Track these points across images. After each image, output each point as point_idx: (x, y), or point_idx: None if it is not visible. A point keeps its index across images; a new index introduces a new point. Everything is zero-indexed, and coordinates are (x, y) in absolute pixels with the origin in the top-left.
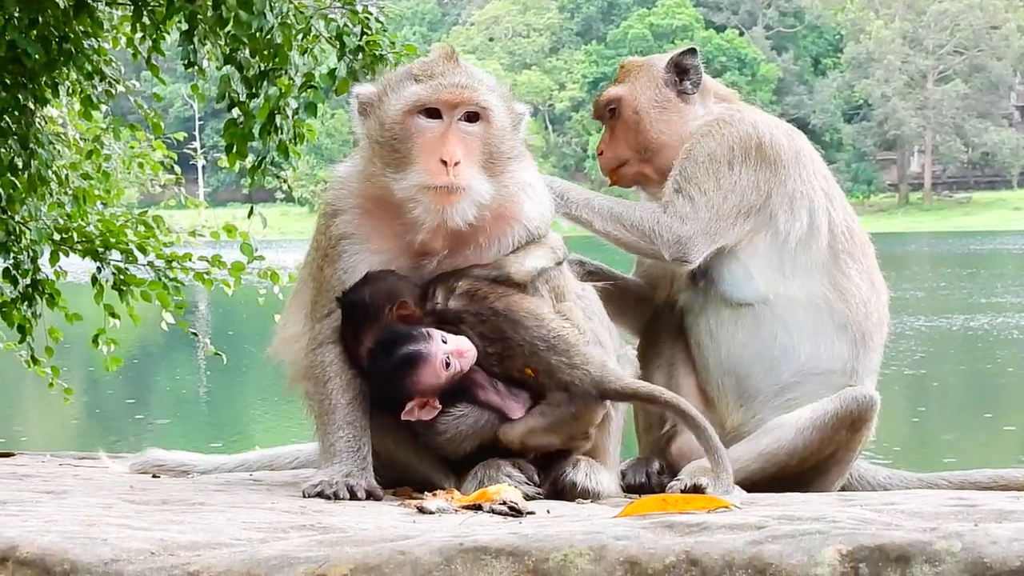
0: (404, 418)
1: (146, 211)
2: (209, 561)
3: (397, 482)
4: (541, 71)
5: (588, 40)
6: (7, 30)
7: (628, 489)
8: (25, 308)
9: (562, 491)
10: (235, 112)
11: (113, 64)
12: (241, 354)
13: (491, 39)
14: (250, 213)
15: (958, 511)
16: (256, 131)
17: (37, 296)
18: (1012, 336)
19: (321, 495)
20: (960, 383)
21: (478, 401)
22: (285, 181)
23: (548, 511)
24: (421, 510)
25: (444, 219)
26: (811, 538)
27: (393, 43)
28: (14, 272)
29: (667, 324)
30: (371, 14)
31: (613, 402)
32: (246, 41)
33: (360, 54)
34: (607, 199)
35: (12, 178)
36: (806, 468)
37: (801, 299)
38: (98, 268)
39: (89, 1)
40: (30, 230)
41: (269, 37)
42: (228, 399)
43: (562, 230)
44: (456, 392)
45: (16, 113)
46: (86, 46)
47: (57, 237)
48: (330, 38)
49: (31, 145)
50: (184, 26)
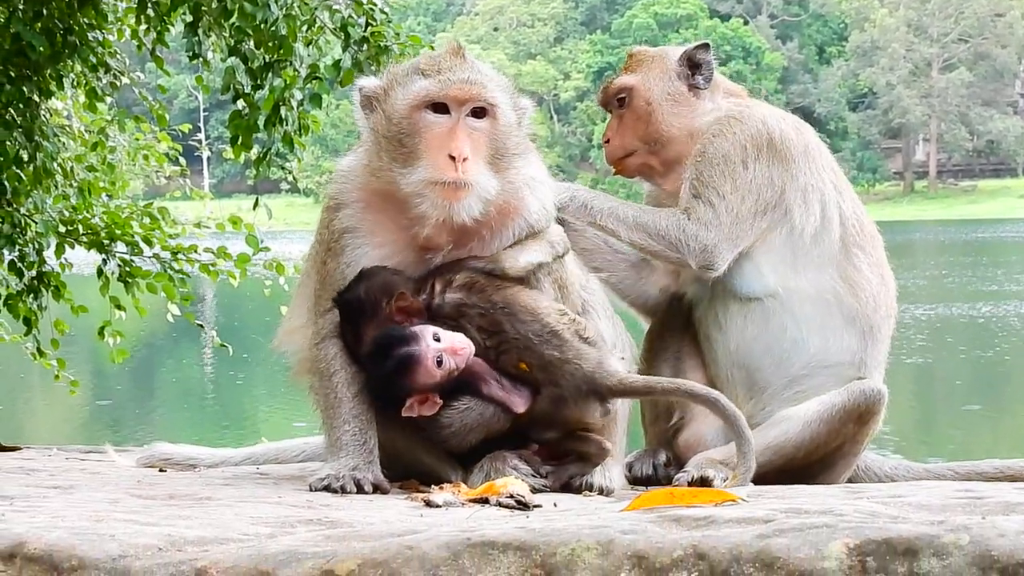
0: (405, 415)
1: (151, 203)
2: (216, 557)
3: (403, 475)
4: (546, 61)
5: (593, 30)
6: (12, 22)
7: (635, 481)
8: (31, 300)
9: (576, 488)
10: (240, 104)
11: (118, 56)
12: (247, 345)
13: (495, 29)
14: (255, 205)
15: (965, 503)
16: (261, 123)
17: (43, 288)
18: (1017, 324)
19: (328, 489)
20: (964, 371)
21: (481, 395)
22: (290, 172)
23: (555, 504)
24: (428, 503)
25: (450, 214)
26: (818, 532)
27: (398, 34)
28: (20, 264)
29: (675, 317)
30: (375, 5)
31: (610, 399)
32: (250, 33)
33: (365, 45)
34: (631, 207)
35: (17, 170)
36: (813, 461)
37: (810, 292)
38: (103, 260)
39: None
40: (36, 222)
41: (274, 28)
42: (234, 391)
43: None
44: (459, 386)
45: (21, 106)
46: (91, 38)
47: (62, 229)
48: (335, 29)
49: (36, 138)
50: (188, 18)
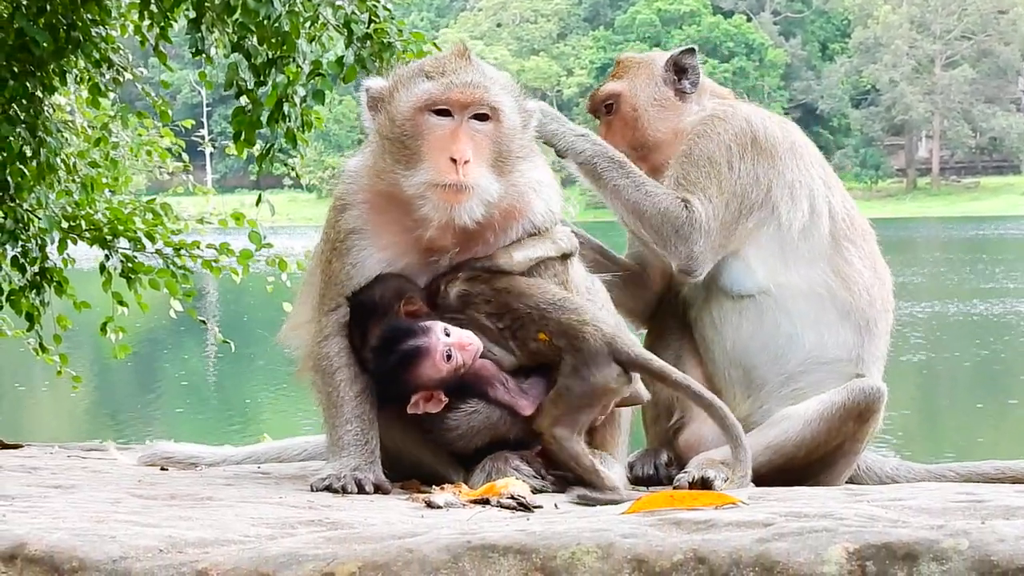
0: (410, 411)
1: (154, 199)
2: (217, 559)
3: (405, 475)
4: (549, 57)
5: (596, 26)
6: (15, 18)
7: (636, 481)
8: (33, 296)
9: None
10: (243, 100)
11: (121, 52)
12: (250, 341)
13: (499, 25)
14: (258, 201)
15: (966, 507)
16: (264, 119)
17: (45, 284)
18: (1020, 322)
19: (329, 489)
20: (966, 369)
21: (487, 398)
22: (293, 169)
23: (556, 505)
24: (429, 504)
25: (452, 217)
26: (818, 536)
27: (401, 31)
28: (22, 260)
29: (673, 316)
30: (378, 2)
31: (627, 372)
32: (253, 29)
33: (368, 42)
34: (636, 190)
35: (21, 166)
36: (814, 460)
37: (803, 288)
38: (106, 256)
39: None
40: (39, 218)
41: (277, 25)
42: (237, 386)
43: (569, 215)
44: (466, 389)
45: (25, 101)
46: (94, 34)
47: (65, 225)
48: (337, 26)
49: (39, 133)
50: (191, 14)
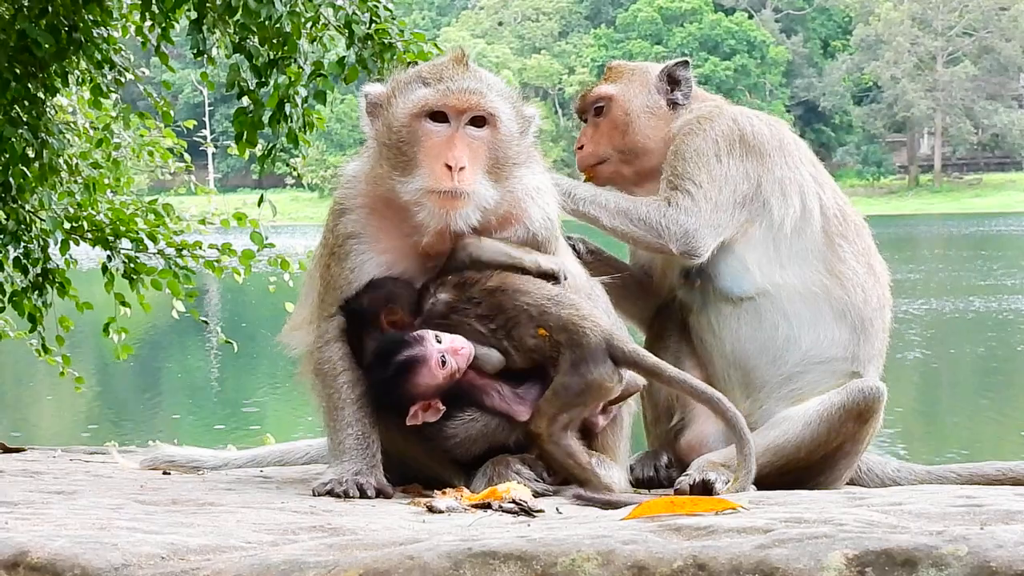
0: (409, 423)
1: (156, 199)
2: (219, 566)
3: (406, 479)
4: (550, 55)
5: (597, 24)
6: (17, 20)
7: (637, 483)
8: (36, 297)
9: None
10: (245, 101)
11: (123, 53)
12: (252, 341)
13: (500, 23)
14: (260, 201)
15: (965, 511)
16: (266, 120)
17: (48, 285)
18: (1021, 319)
19: (331, 493)
20: (968, 366)
21: (483, 406)
22: (295, 169)
23: (558, 509)
24: (431, 509)
25: (448, 223)
26: (817, 542)
27: (402, 31)
28: (25, 261)
29: (672, 319)
30: (379, 2)
31: (623, 367)
32: (255, 29)
33: (369, 42)
34: (613, 194)
35: (23, 167)
36: (814, 461)
37: (798, 287)
38: (108, 257)
39: None
40: (41, 219)
41: (278, 26)
42: (239, 387)
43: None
44: (462, 397)
45: (27, 103)
46: (95, 35)
47: (68, 226)
48: (338, 26)
49: (42, 135)
50: (193, 15)
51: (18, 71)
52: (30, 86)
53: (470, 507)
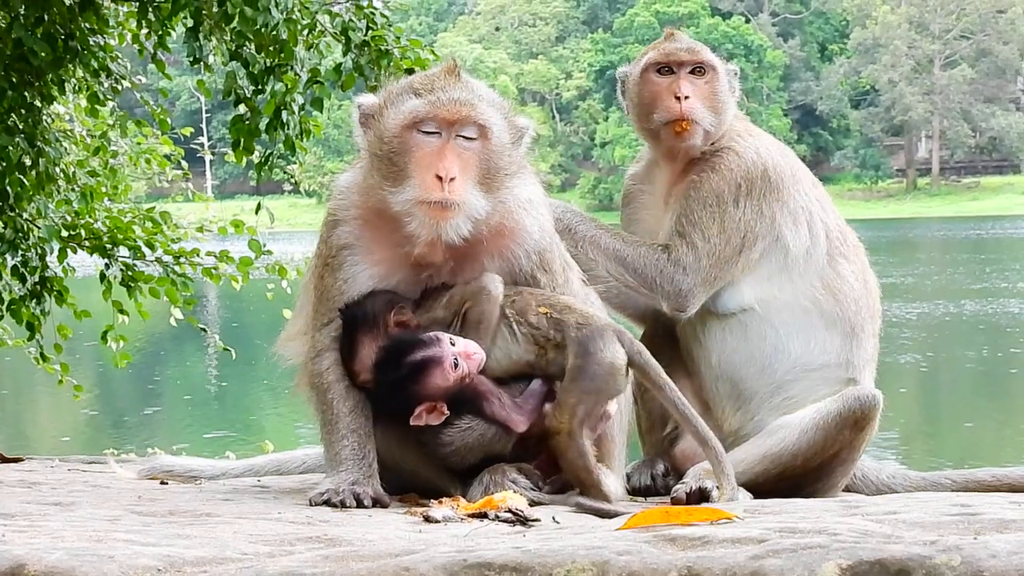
0: (413, 423)
1: (153, 207)
2: None
3: (403, 488)
4: (547, 60)
5: (594, 28)
6: (13, 28)
7: (634, 492)
8: (34, 305)
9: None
10: (242, 108)
11: (119, 60)
12: (250, 348)
13: (497, 28)
14: (257, 208)
15: (960, 520)
16: (263, 127)
17: (46, 293)
18: (1021, 321)
19: (328, 503)
20: (966, 369)
21: (483, 414)
22: (292, 176)
23: (554, 518)
24: (427, 519)
25: (439, 234)
26: (811, 552)
27: (399, 38)
28: (22, 270)
29: (662, 328)
30: (376, 9)
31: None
32: (251, 37)
33: (366, 49)
34: (613, 238)
35: (20, 176)
36: (810, 468)
37: (789, 302)
38: (106, 265)
39: None
40: (38, 227)
41: (274, 33)
42: (238, 394)
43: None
44: (461, 404)
45: (23, 111)
46: (92, 43)
47: (65, 234)
48: (335, 33)
49: (38, 143)
50: (189, 22)
51: (14, 79)
52: (27, 94)
53: (466, 516)
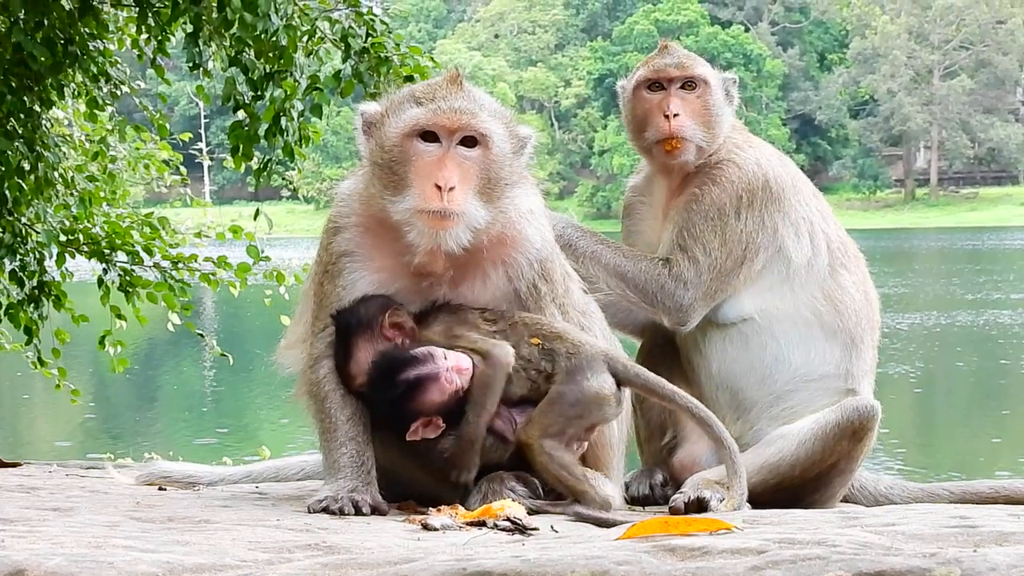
0: (409, 439)
1: (152, 212)
2: None
3: (401, 495)
4: (546, 68)
5: (593, 36)
6: (13, 33)
7: (632, 501)
8: (32, 310)
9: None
10: (241, 114)
11: (119, 65)
12: (248, 354)
13: (496, 36)
14: (256, 214)
15: (959, 532)
16: (262, 133)
17: (44, 298)
18: (1020, 333)
19: (326, 511)
20: (965, 380)
21: None
22: (291, 182)
23: (552, 527)
24: (425, 527)
25: (438, 243)
26: (811, 563)
27: (398, 45)
28: (21, 274)
29: (662, 338)
30: (376, 16)
31: (622, 385)
32: (251, 43)
33: (365, 56)
34: (614, 253)
35: (19, 180)
36: (809, 479)
37: (789, 312)
38: (104, 270)
39: (94, 3)
40: (37, 232)
41: (274, 39)
42: (235, 399)
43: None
44: (458, 415)
45: (22, 116)
46: (91, 48)
47: (63, 239)
48: (335, 40)
49: (37, 147)
50: (189, 28)
51: (14, 84)
52: (26, 99)
53: (465, 525)
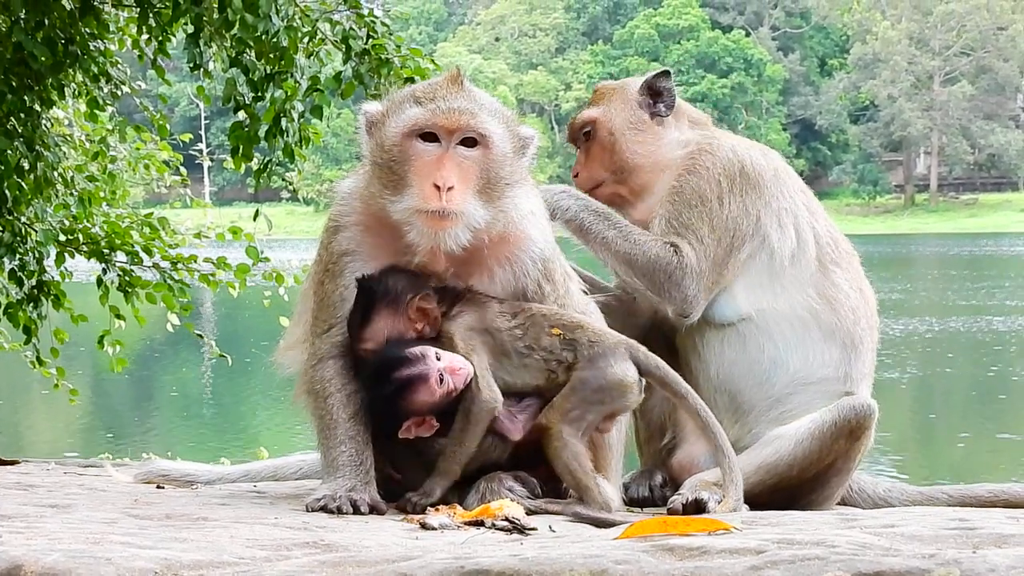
0: (401, 436)
1: (151, 213)
2: None
3: (400, 495)
4: (547, 71)
5: (594, 40)
6: (13, 32)
7: (631, 503)
8: (31, 309)
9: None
10: (241, 114)
11: (119, 65)
12: (246, 355)
13: (497, 39)
14: (255, 215)
15: (957, 534)
16: (262, 134)
17: (43, 297)
18: (1019, 339)
19: (324, 509)
20: (963, 387)
21: None
22: (290, 183)
23: (551, 527)
24: (424, 526)
25: (437, 243)
26: (810, 564)
27: (399, 46)
28: (20, 273)
29: (661, 341)
30: (376, 18)
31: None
32: (252, 44)
33: (366, 57)
34: (623, 239)
35: (19, 180)
36: (806, 478)
37: (786, 312)
38: (103, 269)
39: (95, 3)
40: (36, 231)
41: (275, 40)
42: (233, 400)
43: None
44: (453, 415)
45: (23, 115)
46: (92, 48)
47: (63, 239)
48: (336, 41)
49: (37, 147)
50: (190, 28)
51: (14, 83)
52: (26, 98)
53: (463, 524)
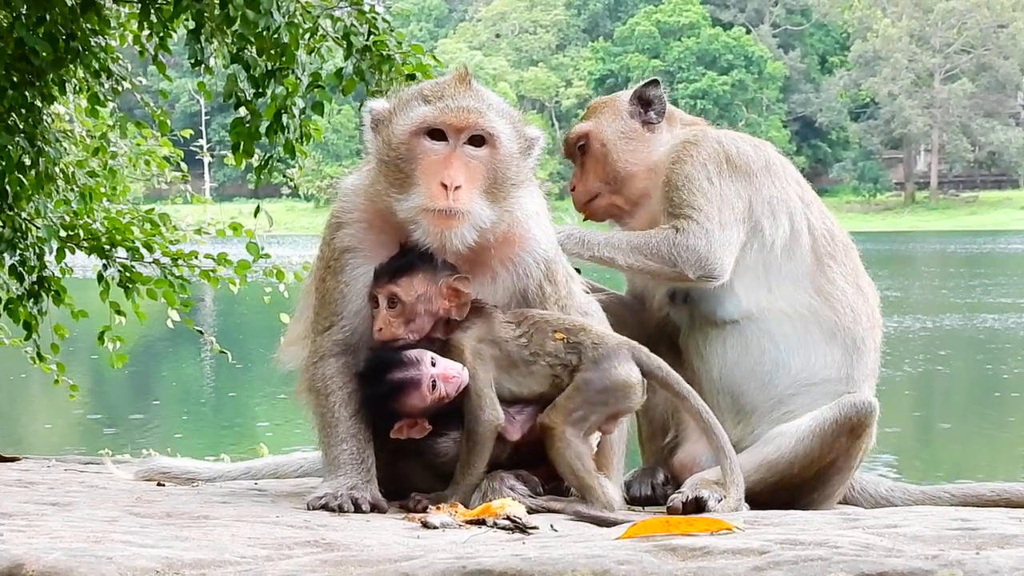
0: (393, 436)
1: (152, 209)
2: None
3: (402, 494)
4: (547, 68)
5: (595, 37)
6: (15, 28)
7: (633, 501)
8: (31, 305)
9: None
10: (242, 111)
11: (120, 61)
12: (247, 351)
13: (497, 35)
14: (256, 211)
15: (961, 535)
16: (263, 130)
17: (43, 293)
18: (1019, 336)
19: (326, 508)
20: (964, 384)
21: None
22: (291, 179)
23: (552, 526)
24: (425, 525)
25: (443, 242)
26: (813, 564)
27: (400, 43)
28: (20, 269)
29: (664, 343)
30: (378, 14)
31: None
32: (253, 40)
33: (367, 54)
34: (624, 234)
35: (19, 175)
36: (807, 477)
37: (786, 310)
38: (104, 265)
39: None
40: (37, 227)
41: (276, 36)
42: (234, 396)
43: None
44: (454, 415)
45: (24, 111)
46: (93, 44)
47: (63, 234)
48: (337, 38)
49: (38, 143)
50: (191, 24)
51: (15, 79)
52: (27, 94)
53: (464, 523)
